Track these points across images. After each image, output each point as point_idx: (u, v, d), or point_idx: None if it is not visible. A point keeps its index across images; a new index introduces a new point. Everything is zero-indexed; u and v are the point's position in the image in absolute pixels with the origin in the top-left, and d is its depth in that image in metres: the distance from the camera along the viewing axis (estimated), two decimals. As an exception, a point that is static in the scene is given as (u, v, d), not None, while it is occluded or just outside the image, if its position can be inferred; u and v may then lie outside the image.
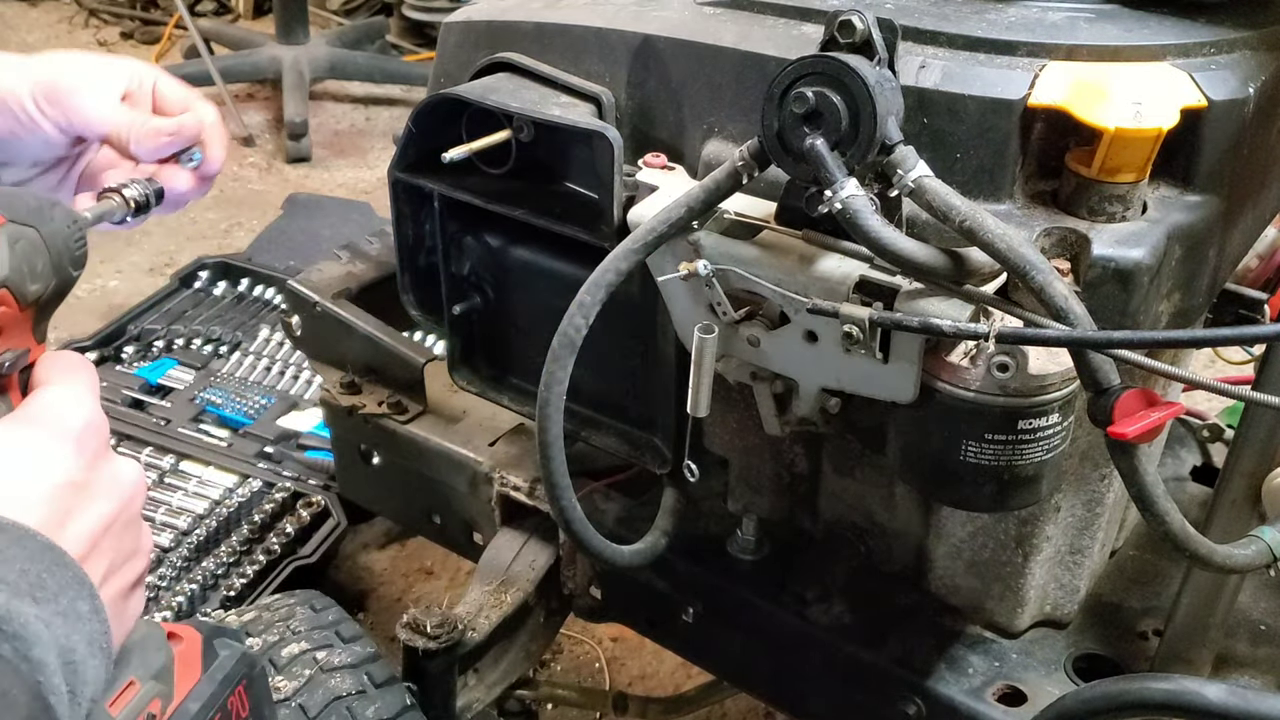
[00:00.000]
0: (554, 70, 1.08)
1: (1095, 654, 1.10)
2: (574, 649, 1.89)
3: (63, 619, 0.59)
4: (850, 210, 0.78)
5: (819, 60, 0.80)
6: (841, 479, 1.13)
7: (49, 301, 0.75)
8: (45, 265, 0.73)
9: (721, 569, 1.21)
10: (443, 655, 1.20)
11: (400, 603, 1.95)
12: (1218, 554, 0.86)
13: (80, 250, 0.77)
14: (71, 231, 0.76)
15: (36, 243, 0.73)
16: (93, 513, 0.66)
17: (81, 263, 0.77)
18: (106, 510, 0.67)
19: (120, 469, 0.70)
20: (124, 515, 0.69)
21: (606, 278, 0.90)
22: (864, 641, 1.11)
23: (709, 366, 0.91)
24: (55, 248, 0.74)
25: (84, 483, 0.66)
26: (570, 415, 0.94)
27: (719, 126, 1.01)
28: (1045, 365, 0.82)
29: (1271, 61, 0.92)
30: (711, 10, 1.04)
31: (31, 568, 0.58)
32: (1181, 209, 0.90)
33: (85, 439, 0.68)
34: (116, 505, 0.68)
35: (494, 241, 1.18)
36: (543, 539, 1.33)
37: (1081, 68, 0.88)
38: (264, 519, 1.86)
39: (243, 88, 3.87)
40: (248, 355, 2.25)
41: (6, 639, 0.55)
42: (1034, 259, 0.76)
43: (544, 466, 0.94)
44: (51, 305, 0.76)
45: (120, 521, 0.69)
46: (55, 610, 0.58)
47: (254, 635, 1.16)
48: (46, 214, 0.74)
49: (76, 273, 0.77)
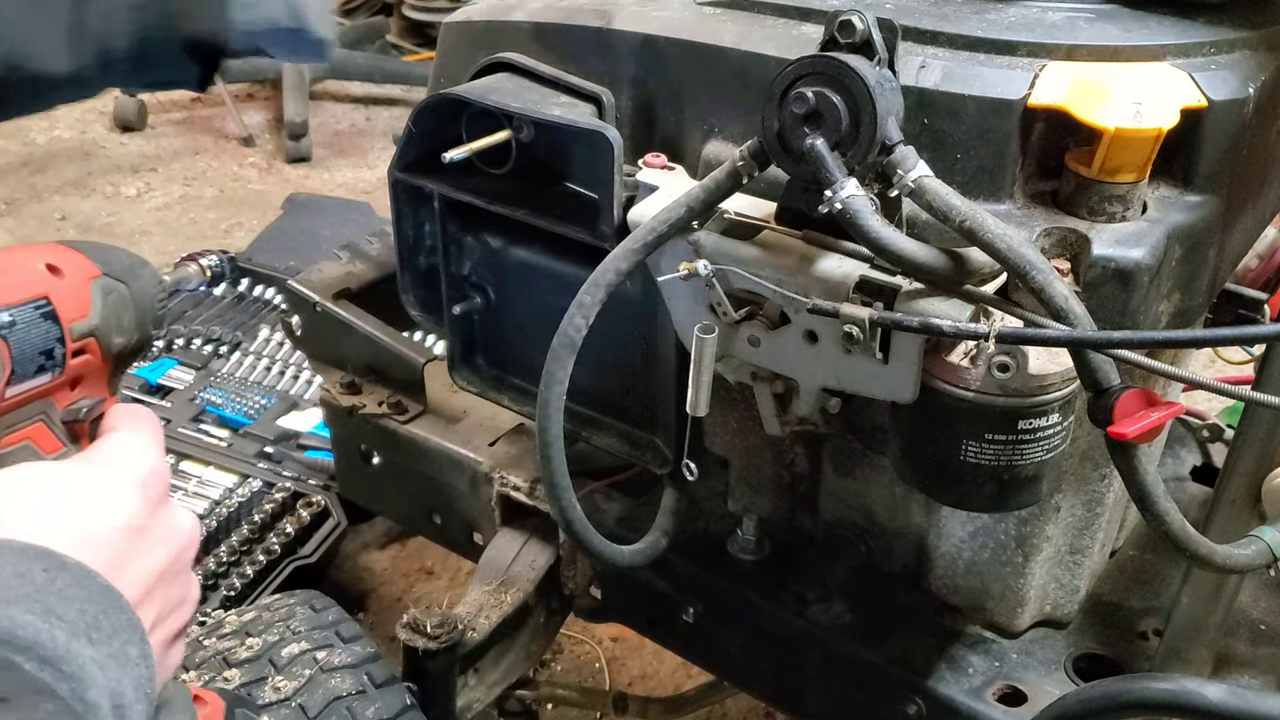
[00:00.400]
0: (554, 70, 1.08)
1: (1095, 654, 1.10)
2: (574, 649, 1.89)
3: (115, 662, 0.59)
4: (850, 210, 0.78)
5: (819, 60, 0.80)
6: (841, 479, 1.13)
7: (129, 356, 0.79)
8: (131, 320, 0.78)
9: (721, 569, 1.21)
10: (443, 655, 1.20)
11: (400, 603, 1.96)
12: (1218, 554, 0.86)
13: (161, 311, 0.81)
14: (156, 292, 0.81)
15: (126, 299, 0.78)
16: (150, 559, 0.67)
17: (161, 323, 0.82)
18: (162, 557, 0.68)
19: (178, 518, 0.71)
20: (177, 564, 0.70)
21: (606, 278, 0.90)
22: (864, 641, 1.11)
23: (709, 366, 0.91)
24: (141, 305, 0.79)
25: (145, 528, 0.67)
26: (570, 415, 0.94)
27: (719, 126, 1.01)
28: (1045, 365, 0.82)
29: (1271, 61, 0.92)
30: (711, 10, 1.04)
31: (90, 608, 0.59)
32: (1181, 209, 0.90)
33: (150, 485, 0.69)
34: (173, 553, 0.69)
35: (494, 241, 1.19)
36: (543, 539, 1.33)
37: (1081, 68, 0.88)
38: (264, 519, 1.86)
39: (243, 88, 3.87)
40: (248, 355, 2.25)
41: (65, 679, 0.55)
42: (1034, 259, 0.76)
43: (544, 466, 0.94)
44: (130, 360, 0.80)
45: (173, 570, 0.69)
46: (109, 653, 0.58)
47: (254, 635, 1.16)
48: (137, 272, 0.79)
49: (156, 332, 0.82)
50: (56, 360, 0.72)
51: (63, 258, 0.74)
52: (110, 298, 0.76)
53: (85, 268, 0.75)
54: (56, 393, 0.74)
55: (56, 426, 0.74)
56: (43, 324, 0.71)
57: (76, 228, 3.06)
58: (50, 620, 0.56)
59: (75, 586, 0.59)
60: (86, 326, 0.74)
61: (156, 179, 3.47)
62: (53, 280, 0.72)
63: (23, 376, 0.70)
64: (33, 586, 0.57)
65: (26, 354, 0.70)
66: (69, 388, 0.75)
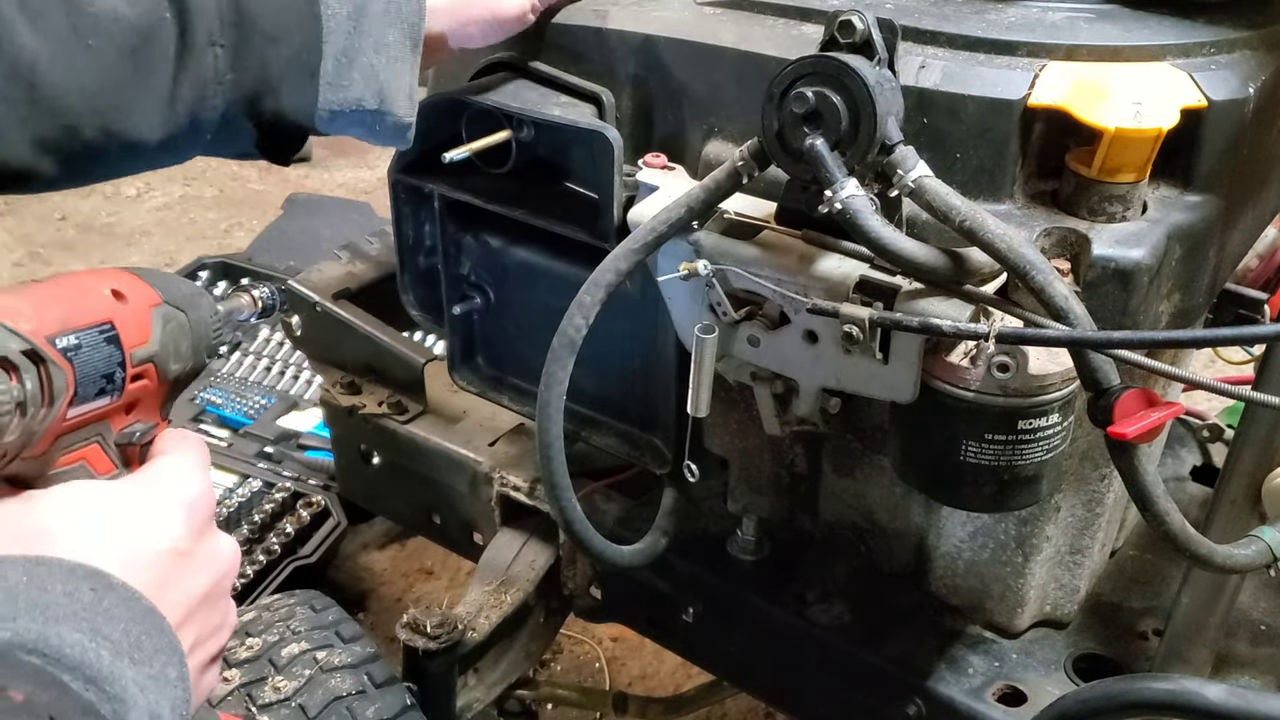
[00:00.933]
0: (554, 70, 1.08)
1: (1095, 654, 1.10)
2: (574, 649, 1.89)
3: (155, 683, 0.60)
4: (850, 210, 0.78)
5: (819, 60, 0.80)
6: (841, 479, 1.13)
7: (183, 382, 0.81)
8: (188, 348, 0.80)
9: (721, 569, 1.21)
10: (443, 655, 1.20)
11: (400, 603, 1.96)
12: (1218, 554, 0.86)
13: (217, 340, 0.84)
14: (213, 321, 0.83)
15: (184, 326, 0.80)
16: (193, 582, 0.68)
17: (216, 352, 0.84)
18: (205, 582, 0.69)
19: (221, 543, 0.72)
20: (218, 589, 0.71)
21: (606, 278, 0.90)
22: (864, 641, 1.11)
23: (709, 366, 0.91)
24: (199, 333, 0.81)
25: (189, 552, 0.69)
26: (570, 415, 0.94)
27: (719, 126, 1.01)
28: (1045, 365, 0.82)
29: (1271, 61, 0.92)
30: (711, 10, 1.04)
31: (134, 629, 0.60)
32: (1181, 209, 0.90)
33: (196, 509, 0.70)
34: (214, 578, 0.70)
35: (494, 241, 1.19)
36: (543, 539, 1.33)
37: (1081, 68, 0.88)
38: (264, 519, 1.86)
39: (243, 88, 3.87)
40: (248, 355, 2.25)
41: (108, 700, 0.56)
42: (1034, 259, 0.76)
43: (544, 466, 0.94)
44: (183, 386, 0.82)
45: (214, 594, 0.71)
46: (149, 674, 0.60)
47: (254, 635, 1.16)
48: (196, 301, 0.81)
49: (209, 360, 0.84)
50: (116, 384, 0.74)
51: (127, 284, 0.76)
52: (169, 325, 0.78)
53: (148, 295, 0.77)
54: (113, 415, 0.75)
55: (111, 449, 0.76)
56: (106, 348, 0.72)
57: (76, 227, 3.06)
58: (97, 640, 0.58)
59: (121, 607, 0.60)
60: (147, 352, 0.75)
61: (156, 179, 3.47)
62: (117, 305, 0.74)
63: (84, 398, 0.71)
64: (80, 605, 0.59)
65: (89, 376, 0.71)
66: (125, 411, 0.76)
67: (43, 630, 0.56)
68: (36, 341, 0.67)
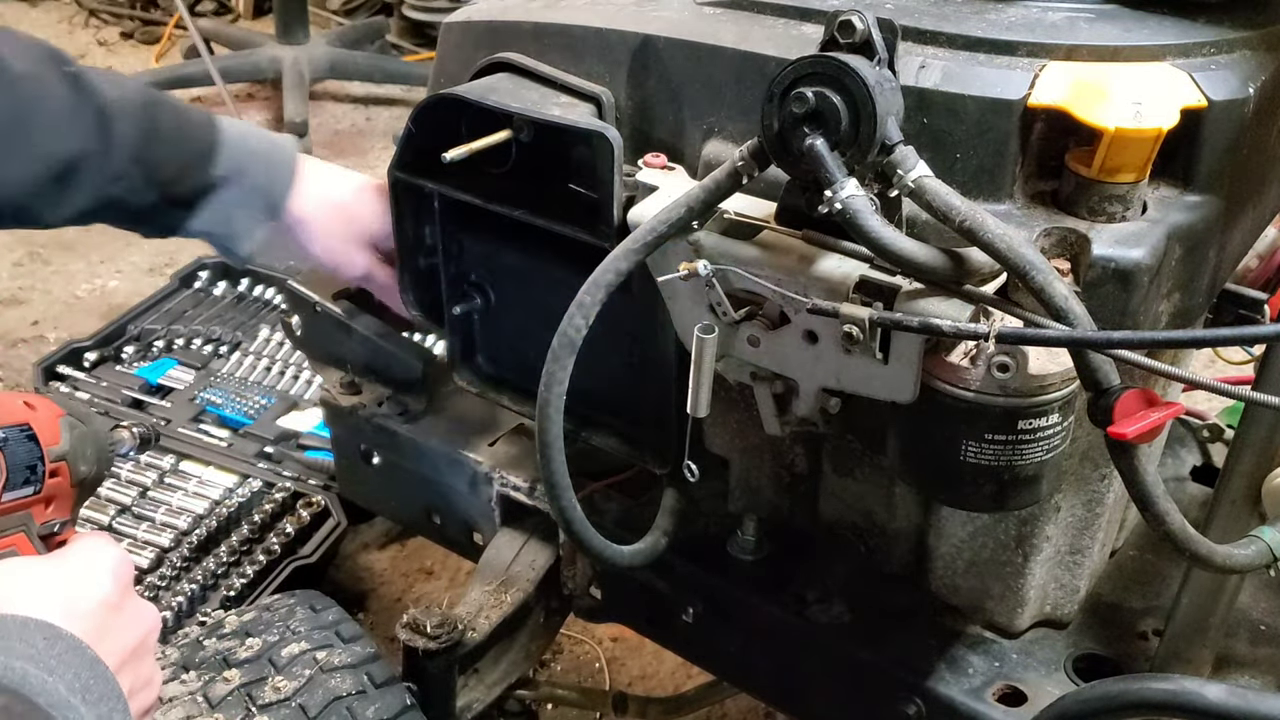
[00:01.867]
0: (554, 70, 1.08)
1: (1095, 654, 1.10)
2: (574, 649, 1.89)
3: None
4: (850, 210, 0.78)
5: (819, 60, 0.80)
6: (841, 479, 1.13)
7: (90, 486, 0.95)
8: (93, 453, 0.94)
9: (721, 569, 1.21)
10: (443, 655, 1.20)
11: (400, 603, 1.95)
12: (1218, 554, 0.86)
13: (110, 457, 0.98)
14: (107, 437, 0.98)
15: (87, 435, 0.93)
16: (125, 635, 0.77)
17: (110, 464, 0.98)
18: (135, 635, 0.78)
19: (144, 604, 0.82)
20: (145, 645, 0.80)
21: (606, 278, 0.90)
22: (864, 641, 1.11)
23: (709, 366, 0.91)
24: (98, 444, 0.95)
25: (119, 605, 0.78)
26: (570, 415, 0.94)
27: (719, 126, 1.01)
28: (1045, 365, 0.82)
29: (1271, 61, 0.92)
30: (711, 10, 1.04)
31: (83, 673, 0.67)
32: (1181, 209, 0.90)
33: (119, 572, 0.80)
34: (141, 633, 0.79)
35: (494, 241, 1.18)
36: (543, 539, 1.33)
37: (1081, 68, 0.88)
38: (264, 519, 1.86)
39: (243, 88, 3.87)
40: (248, 355, 2.25)
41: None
42: (1034, 259, 0.76)
43: (544, 466, 0.94)
44: (89, 491, 0.96)
45: (142, 648, 0.79)
46: (98, 714, 0.66)
47: (254, 635, 1.16)
48: (93, 418, 0.96)
49: (107, 473, 0.98)
50: (38, 476, 0.87)
51: (35, 399, 0.90)
52: (75, 431, 0.91)
53: (52, 407, 0.91)
54: (35, 507, 0.88)
55: (34, 539, 0.87)
56: (27, 443, 0.86)
57: (76, 228, 3.05)
58: (54, 676, 0.65)
59: (71, 654, 0.68)
60: (59, 451, 0.89)
61: (156, 179, 3.46)
62: (30, 412, 0.88)
63: (13, 485, 0.85)
64: (35, 650, 0.66)
65: (16, 466, 0.85)
66: (44, 505, 0.89)
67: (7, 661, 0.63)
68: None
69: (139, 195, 1.10)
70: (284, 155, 1.20)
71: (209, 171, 1.13)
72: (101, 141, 1.05)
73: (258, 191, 1.17)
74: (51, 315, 2.70)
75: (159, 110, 1.10)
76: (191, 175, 1.12)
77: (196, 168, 1.12)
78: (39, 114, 1.02)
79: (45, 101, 1.02)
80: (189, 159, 1.12)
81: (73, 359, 2.22)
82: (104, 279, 2.85)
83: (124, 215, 1.12)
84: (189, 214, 1.15)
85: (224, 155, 1.14)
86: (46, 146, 1.02)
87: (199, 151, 1.13)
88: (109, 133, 1.06)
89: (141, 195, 1.10)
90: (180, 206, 1.14)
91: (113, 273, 2.88)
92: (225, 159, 1.14)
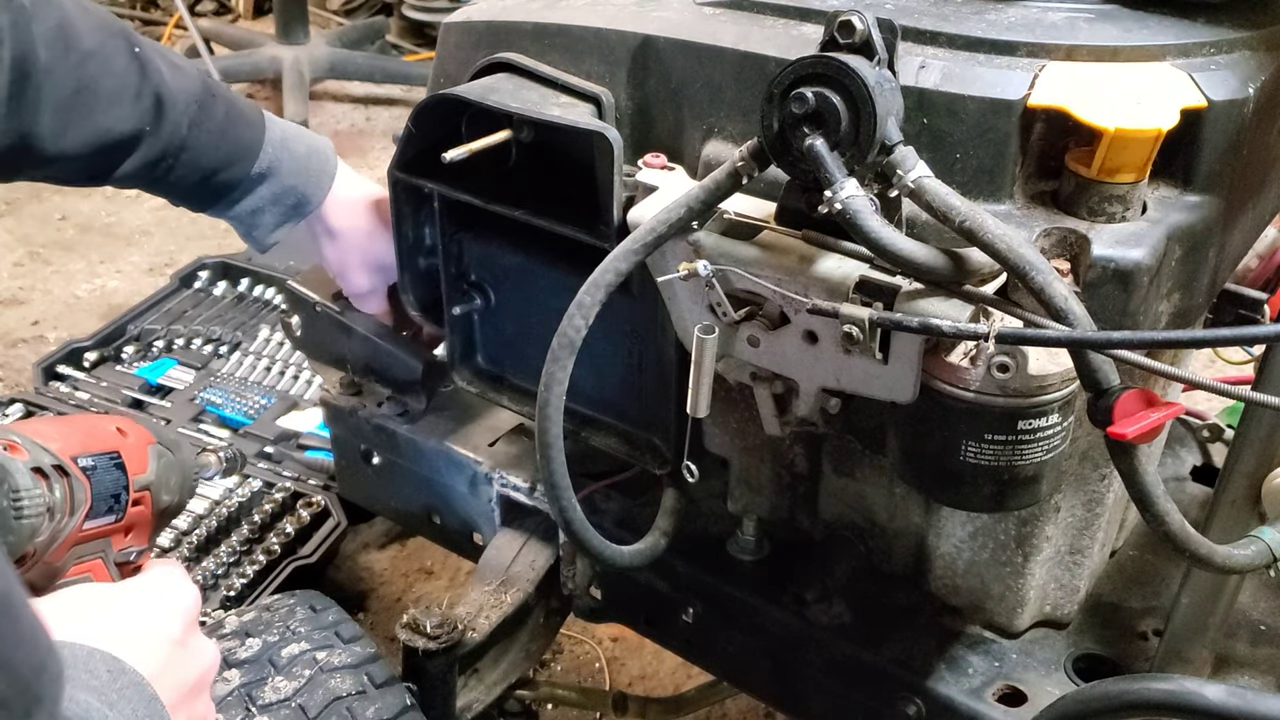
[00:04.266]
0: (554, 70, 1.08)
1: (1095, 654, 1.10)
2: (574, 649, 1.89)
3: None
4: (850, 210, 0.78)
5: (819, 61, 0.80)
6: (841, 479, 1.13)
7: (170, 514, 0.94)
8: (176, 483, 0.93)
9: (721, 569, 1.21)
10: (443, 655, 1.20)
11: (400, 603, 1.95)
12: (1218, 554, 0.86)
13: (195, 484, 0.98)
14: (194, 464, 0.98)
15: (173, 464, 0.93)
16: (185, 673, 0.77)
17: (193, 493, 0.98)
18: (193, 674, 0.78)
19: (206, 642, 0.82)
20: (203, 682, 0.80)
21: (606, 278, 0.90)
22: (864, 641, 1.11)
23: (709, 366, 0.91)
24: (184, 472, 0.95)
25: (182, 641, 0.78)
26: (570, 415, 0.94)
27: (719, 126, 1.01)
28: (1045, 365, 0.82)
29: (1271, 61, 0.92)
30: (711, 10, 1.04)
31: (140, 710, 0.68)
32: (1181, 209, 0.90)
33: (187, 608, 0.80)
34: (200, 672, 0.79)
35: (494, 241, 1.18)
36: (543, 539, 1.33)
37: (1081, 68, 0.88)
38: (264, 519, 1.86)
39: (243, 88, 3.87)
40: (248, 355, 2.25)
41: None
42: (1034, 259, 0.76)
43: (544, 466, 0.94)
44: (169, 518, 0.95)
45: (201, 685, 0.79)
46: None
47: (254, 635, 1.16)
48: (182, 446, 0.96)
49: (188, 500, 0.97)
50: (121, 505, 0.86)
51: (128, 425, 0.90)
52: (163, 460, 0.91)
53: (145, 434, 0.91)
54: (114, 535, 0.86)
55: (111, 566, 0.86)
56: (114, 472, 0.85)
57: (76, 228, 3.05)
58: (113, 711, 0.65)
59: (131, 690, 0.69)
60: (145, 481, 0.88)
61: (157, 179, 3.46)
62: (121, 439, 0.87)
63: (97, 513, 0.83)
64: (99, 682, 0.67)
65: (101, 494, 0.83)
66: (124, 533, 0.87)
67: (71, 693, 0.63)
68: (64, 459, 0.79)
69: (181, 177, 1.15)
70: (322, 162, 1.25)
71: (248, 168, 1.18)
72: (155, 124, 1.10)
73: (290, 193, 1.22)
74: (51, 315, 2.70)
75: (214, 103, 1.15)
76: (232, 169, 1.18)
77: (238, 163, 1.18)
78: (103, 90, 1.05)
79: (110, 79, 1.06)
80: (232, 154, 1.17)
81: (73, 359, 2.22)
82: (104, 279, 2.85)
83: (162, 188, 1.17)
84: (223, 202, 1.21)
85: (266, 155, 1.19)
86: (105, 122, 1.06)
87: (243, 148, 1.18)
88: (163, 118, 1.11)
89: (184, 178, 1.16)
90: (216, 193, 1.20)
91: (113, 273, 2.88)
92: (266, 158, 1.19)
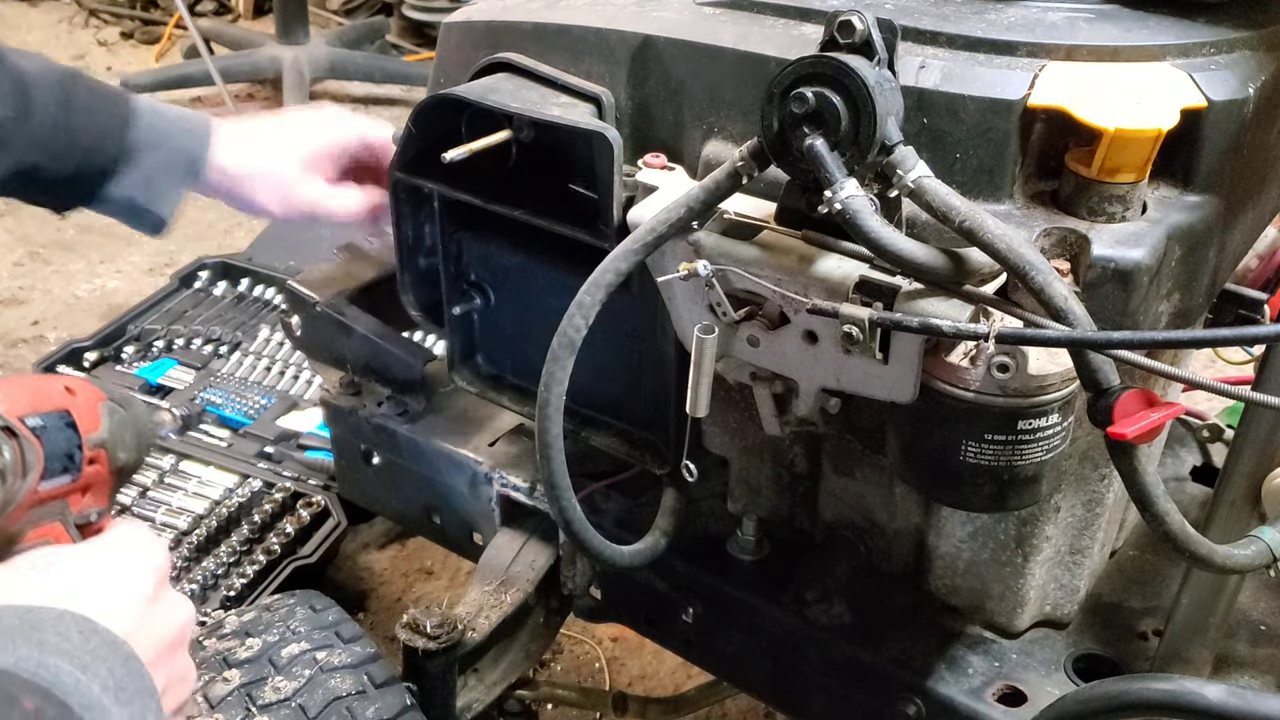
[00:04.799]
0: (554, 70, 1.08)
1: (1095, 654, 1.10)
2: (574, 649, 1.89)
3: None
4: (850, 210, 0.78)
5: (818, 61, 0.80)
6: (841, 479, 1.13)
7: (127, 472, 0.92)
8: (132, 440, 0.91)
9: (721, 569, 1.21)
10: (443, 655, 1.19)
11: (400, 603, 1.95)
12: (1218, 554, 0.86)
13: (152, 441, 0.95)
14: (149, 421, 0.95)
15: (127, 420, 0.90)
16: (159, 629, 0.75)
17: (149, 450, 0.96)
18: (169, 631, 0.76)
19: (179, 597, 0.80)
20: (180, 638, 0.78)
21: (606, 278, 0.90)
22: (864, 641, 1.11)
23: (709, 366, 0.91)
24: (138, 429, 0.92)
25: (155, 598, 0.76)
26: (570, 415, 0.94)
27: (719, 126, 1.01)
28: (1045, 365, 0.82)
29: (1271, 61, 0.92)
30: (711, 10, 1.04)
31: (117, 670, 0.66)
32: (1181, 209, 0.90)
33: (156, 562, 0.79)
34: (177, 628, 0.77)
35: (494, 241, 1.18)
36: (543, 539, 1.33)
37: (1081, 68, 0.88)
38: (264, 519, 1.86)
39: (243, 88, 3.87)
40: (248, 355, 2.25)
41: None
42: (1034, 259, 0.76)
43: (544, 466, 0.94)
44: (127, 477, 0.93)
45: (178, 642, 0.78)
46: (130, 713, 0.65)
47: (254, 635, 1.16)
48: (133, 402, 0.93)
49: (145, 457, 0.95)
50: (75, 464, 0.84)
51: (76, 383, 0.88)
52: (116, 416, 0.89)
53: (95, 391, 0.89)
54: (72, 495, 0.85)
55: (71, 527, 0.84)
56: (66, 431, 0.83)
57: (76, 228, 3.05)
58: (88, 674, 0.63)
59: (106, 649, 0.67)
60: (98, 438, 0.86)
61: (156, 179, 3.45)
62: (70, 398, 0.85)
63: (51, 473, 0.81)
64: (71, 645, 0.65)
65: (54, 454, 0.81)
66: (81, 494, 0.86)
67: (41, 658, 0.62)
68: (11, 419, 0.77)
69: (58, 163, 1.11)
70: (199, 120, 1.22)
71: (127, 137, 1.15)
72: (20, 109, 1.07)
73: (178, 153, 1.19)
74: (51, 315, 2.70)
75: (75, 82, 1.13)
76: (110, 141, 1.14)
77: (115, 134, 1.14)
78: None
79: None
80: (107, 126, 1.14)
81: (73, 359, 2.22)
82: (104, 279, 2.85)
83: (41, 185, 1.14)
84: (109, 181, 1.16)
85: (141, 122, 1.16)
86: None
87: (116, 119, 1.15)
88: (28, 101, 1.08)
89: (61, 163, 1.12)
90: (100, 173, 1.15)
91: (113, 273, 2.88)
92: (143, 125, 1.16)
